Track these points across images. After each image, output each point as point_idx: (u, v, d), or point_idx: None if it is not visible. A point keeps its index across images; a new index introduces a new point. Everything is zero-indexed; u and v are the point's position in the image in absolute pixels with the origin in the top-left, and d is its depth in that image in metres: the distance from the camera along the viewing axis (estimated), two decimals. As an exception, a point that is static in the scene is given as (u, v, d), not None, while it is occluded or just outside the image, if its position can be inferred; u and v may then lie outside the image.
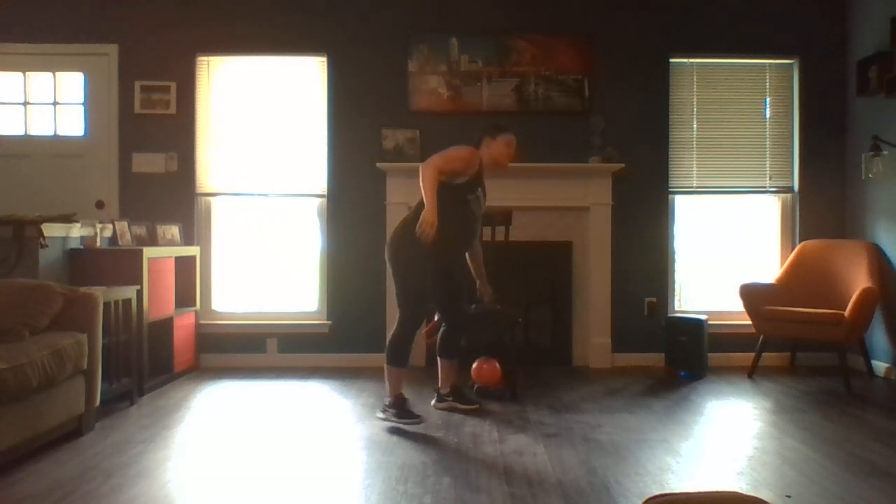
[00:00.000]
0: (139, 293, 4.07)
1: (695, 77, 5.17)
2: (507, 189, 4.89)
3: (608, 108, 5.06)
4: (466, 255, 3.82)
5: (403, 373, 3.56)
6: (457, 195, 3.49)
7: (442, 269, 3.59)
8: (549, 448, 3.11)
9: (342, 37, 5.08)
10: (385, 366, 3.54)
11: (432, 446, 3.14)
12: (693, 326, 4.71)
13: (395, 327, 3.52)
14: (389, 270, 3.61)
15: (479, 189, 3.61)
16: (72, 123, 5.14)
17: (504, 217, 4.19)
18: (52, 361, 2.94)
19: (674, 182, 5.17)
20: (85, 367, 3.25)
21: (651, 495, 1.63)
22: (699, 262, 5.28)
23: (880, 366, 4.70)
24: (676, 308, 5.22)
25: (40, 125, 5.14)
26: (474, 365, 4.15)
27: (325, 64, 5.10)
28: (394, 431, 3.37)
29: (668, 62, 5.13)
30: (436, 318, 3.94)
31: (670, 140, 5.14)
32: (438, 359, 3.86)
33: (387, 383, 3.55)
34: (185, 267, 4.83)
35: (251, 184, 5.14)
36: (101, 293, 3.53)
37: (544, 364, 4.97)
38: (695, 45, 5.13)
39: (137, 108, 5.04)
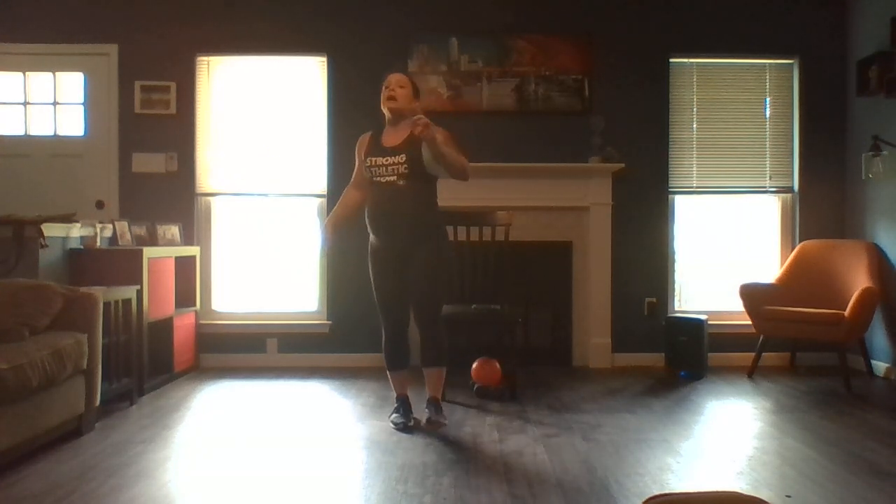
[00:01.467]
0: (139, 293, 4.06)
1: (695, 77, 5.17)
2: (507, 189, 4.91)
3: (608, 108, 5.05)
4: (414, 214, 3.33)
5: (397, 376, 3.57)
6: (368, 181, 3.41)
7: (395, 267, 3.39)
8: (549, 448, 3.11)
9: (342, 37, 5.08)
10: None
11: (432, 446, 3.14)
12: (693, 326, 4.71)
13: None
14: None
15: (376, 158, 3.34)
16: (72, 123, 5.13)
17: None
18: (52, 361, 2.94)
19: (674, 182, 5.16)
20: (85, 367, 3.25)
21: (651, 495, 1.63)
22: (699, 262, 5.27)
23: (880, 366, 4.70)
24: (676, 308, 5.22)
25: (40, 125, 5.13)
26: (474, 365, 4.15)
27: (325, 64, 5.10)
28: (394, 431, 3.37)
29: (668, 62, 5.13)
30: None
31: (670, 140, 5.14)
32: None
33: None
34: (185, 267, 4.82)
35: (251, 184, 5.13)
36: (101, 293, 3.53)
37: (544, 364, 4.96)
38: (695, 45, 5.12)
39: (137, 108, 5.04)
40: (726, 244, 5.26)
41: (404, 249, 3.35)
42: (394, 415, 3.50)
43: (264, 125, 5.12)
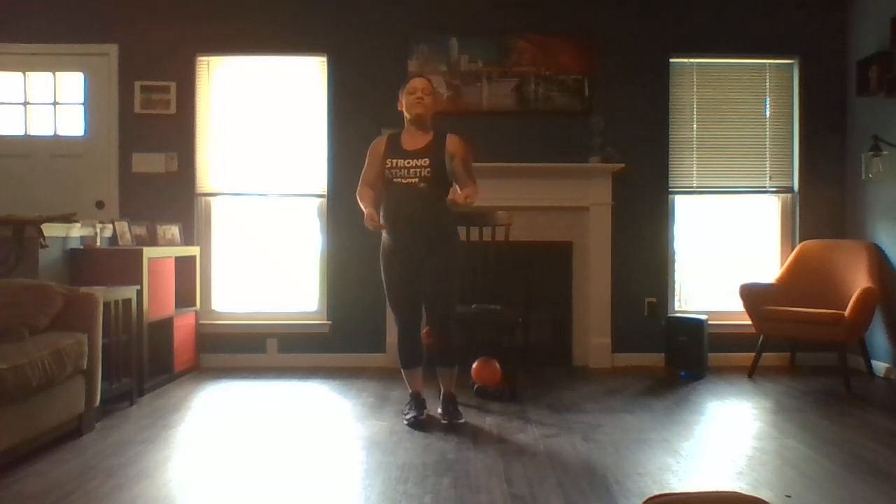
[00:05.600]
0: (139, 293, 4.06)
1: (695, 77, 5.17)
2: (507, 189, 4.90)
3: (608, 108, 5.05)
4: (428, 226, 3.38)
5: (410, 373, 3.63)
6: (385, 182, 3.42)
7: (410, 267, 3.43)
8: (549, 448, 3.11)
9: (342, 37, 5.08)
10: None
11: (432, 446, 3.14)
12: (693, 326, 4.71)
13: None
14: None
15: (397, 160, 3.37)
16: (72, 123, 5.13)
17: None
18: (52, 361, 2.94)
19: (674, 182, 5.16)
20: (85, 367, 3.25)
21: (651, 495, 1.63)
22: (699, 262, 5.27)
23: (880, 366, 4.70)
24: (676, 308, 5.22)
25: (40, 125, 5.13)
26: (474, 365, 4.15)
27: (325, 64, 5.10)
28: (394, 431, 3.37)
29: (668, 62, 5.13)
30: None
31: (670, 140, 5.14)
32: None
33: None
34: (185, 267, 4.82)
35: (251, 184, 5.13)
36: (101, 293, 3.53)
37: (544, 364, 4.96)
38: (695, 45, 5.12)
39: (137, 108, 5.04)
40: (726, 244, 5.26)
41: (421, 251, 3.40)
42: (408, 413, 3.53)
43: (264, 125, 5.12)
